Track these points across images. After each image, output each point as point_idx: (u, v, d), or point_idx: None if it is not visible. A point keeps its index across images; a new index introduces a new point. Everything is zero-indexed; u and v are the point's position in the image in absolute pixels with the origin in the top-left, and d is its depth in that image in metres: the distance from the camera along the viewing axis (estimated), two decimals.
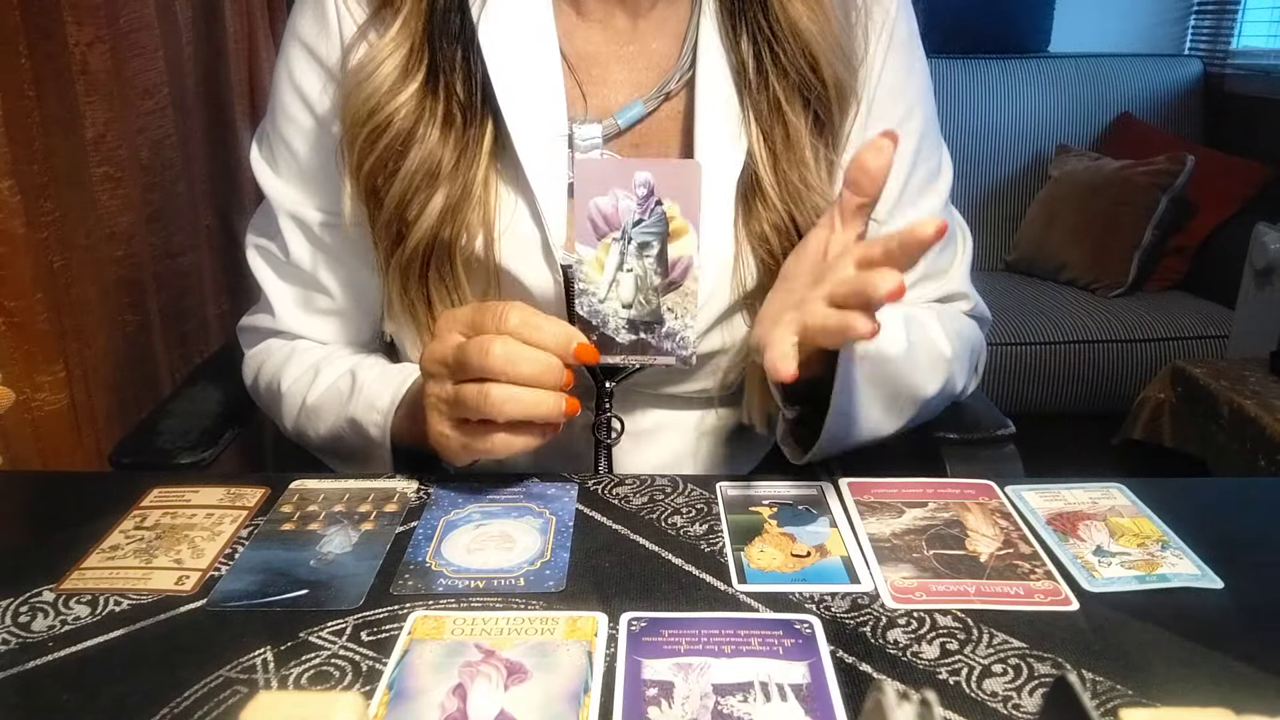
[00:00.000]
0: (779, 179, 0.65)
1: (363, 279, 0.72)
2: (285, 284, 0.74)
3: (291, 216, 0.71)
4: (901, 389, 0.65)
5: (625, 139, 0.68)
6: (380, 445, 0.66)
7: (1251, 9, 2.69)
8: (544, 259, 0.65)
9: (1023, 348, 2.16)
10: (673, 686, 0.42)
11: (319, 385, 0.70)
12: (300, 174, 0.70)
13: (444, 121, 0.63)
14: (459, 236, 0.64)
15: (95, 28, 0.98)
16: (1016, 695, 0.42)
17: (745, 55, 0.65)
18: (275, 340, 0.76)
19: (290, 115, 0.69)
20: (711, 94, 0.65)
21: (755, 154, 0.65)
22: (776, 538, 0.54)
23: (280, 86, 0.69)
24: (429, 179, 0.63)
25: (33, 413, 0.90)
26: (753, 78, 0.65)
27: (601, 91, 0.68)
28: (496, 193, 0.65)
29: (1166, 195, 2.31)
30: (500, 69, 0.63)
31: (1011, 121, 2.66)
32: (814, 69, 0.64)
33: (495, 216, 0.65)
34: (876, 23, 0.68)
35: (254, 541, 0.54)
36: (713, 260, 0.66)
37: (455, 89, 0.63)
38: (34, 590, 0.49)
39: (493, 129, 0.64)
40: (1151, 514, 0.57)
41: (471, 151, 0.63)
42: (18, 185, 0.85)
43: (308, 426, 0.71)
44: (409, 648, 0.45)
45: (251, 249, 0.75)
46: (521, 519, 0.56)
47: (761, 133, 0.65)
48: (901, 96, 0.70)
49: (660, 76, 0.68)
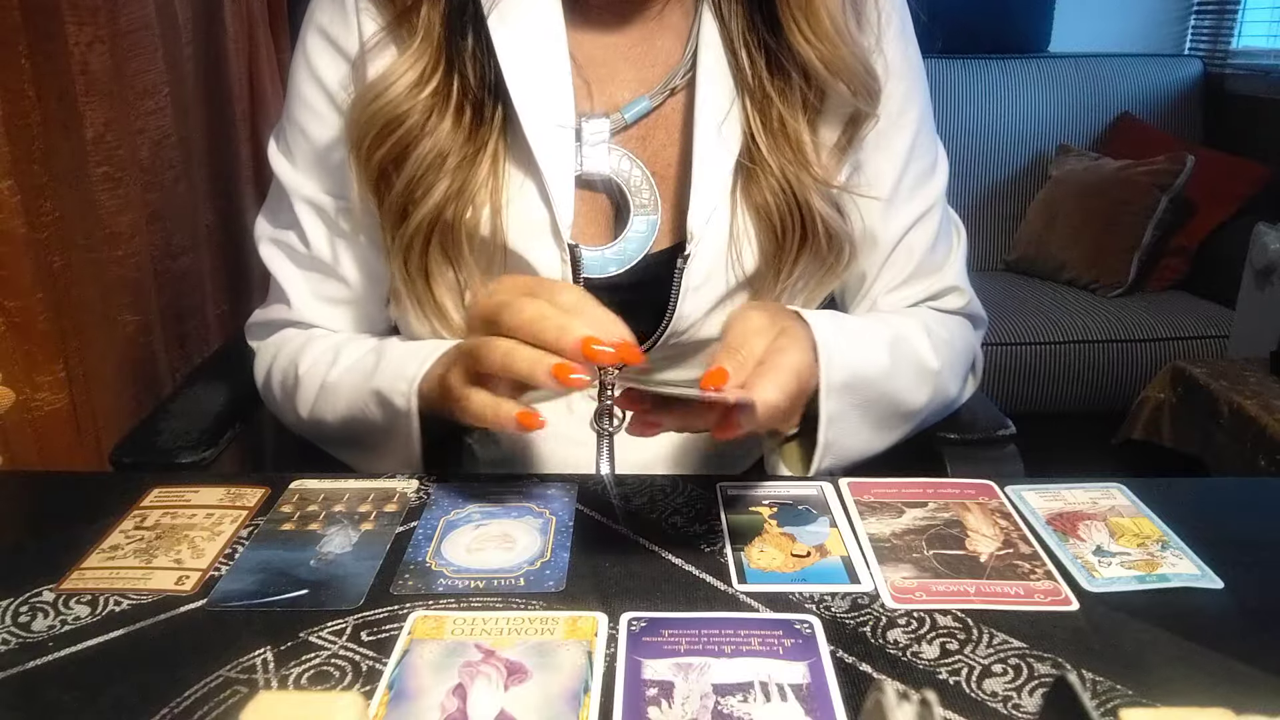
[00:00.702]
0: (774, 139, 0.66)
1: (377, 264, 0.72)
2: (301, 273, 0.74)
3: (308, 203, 0.71)
4: (887, 407, 0.66)
5: (631, 133, 0.69)
6: (405, 415, 0.63)
7: (1251, 9, 2.69)
8: (552, 239, 0.66)
9: (1023, 348, 2.16)
10: (673, 686, 0.42)
11: (341, 363, 0.69)
12: (317, 160, 0.71)
13: (456, 111, 0.64)
14: (464, 212, 0.65)
15: (95, 28, 0.98)
16: (1016, 695, 0.42)
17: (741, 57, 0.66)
18: (291, 329, 0.76)
19: (307, 102, 0.70)
20: (710, 86, 0.67)
21: (754, 133, 0.66)
22: (776, 538, 0.54)
23: (298, 76, 0.70)
24: (438, 162, 0.64)
25: (33, 413, 0.90)
26: (748, 70, 0.66)
27: (608, 88, 0.69)
28: (505, 173, 0.66)
29: (1166, 195, 2.31)
30: (511, 64, 0.64)
31: (1011, 121, 2.66)
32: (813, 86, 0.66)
33: (503, 195, 0.65)
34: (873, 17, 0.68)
35: (254, 541, 0.54)
36: (707, 242, 0.67)
37: (469, 84, 0.64)
38: (34, 590, 0.49)
39: (502, 117, 0.65)
40: (1151, 514, 0.57)
41: (483, 134, 0.65)
42: (18, 185, 0.85)
43: (325, 408, 0.70)
44: (409, 648, 0.45)
45: (265, 242, 0.75)
46: (521, 519, 0.56)
47: (759, 116, 0.66)
48: (897, 91, 0.70)
49: (665, 73, 0.69)
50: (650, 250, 0.69)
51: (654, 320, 0.68)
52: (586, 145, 0.67)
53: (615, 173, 0.68)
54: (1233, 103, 2.64)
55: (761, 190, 0.67)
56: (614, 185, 0.69)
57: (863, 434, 0.65)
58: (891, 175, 0.71)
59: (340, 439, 0.72)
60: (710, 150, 0.66)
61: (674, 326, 0.68)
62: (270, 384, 0.76)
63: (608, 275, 0.68)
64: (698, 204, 0.66)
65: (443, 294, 0.67)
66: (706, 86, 0.67)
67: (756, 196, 0.67)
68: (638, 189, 0.68)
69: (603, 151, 0.68)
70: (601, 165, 0.68)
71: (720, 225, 0.67)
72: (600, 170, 0.68)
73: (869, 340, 0.65)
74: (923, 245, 0.74)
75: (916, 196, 0.73)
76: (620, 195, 0.69)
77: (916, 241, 0.73)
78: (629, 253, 0.68)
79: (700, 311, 0.68)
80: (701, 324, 0.69)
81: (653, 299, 0.68)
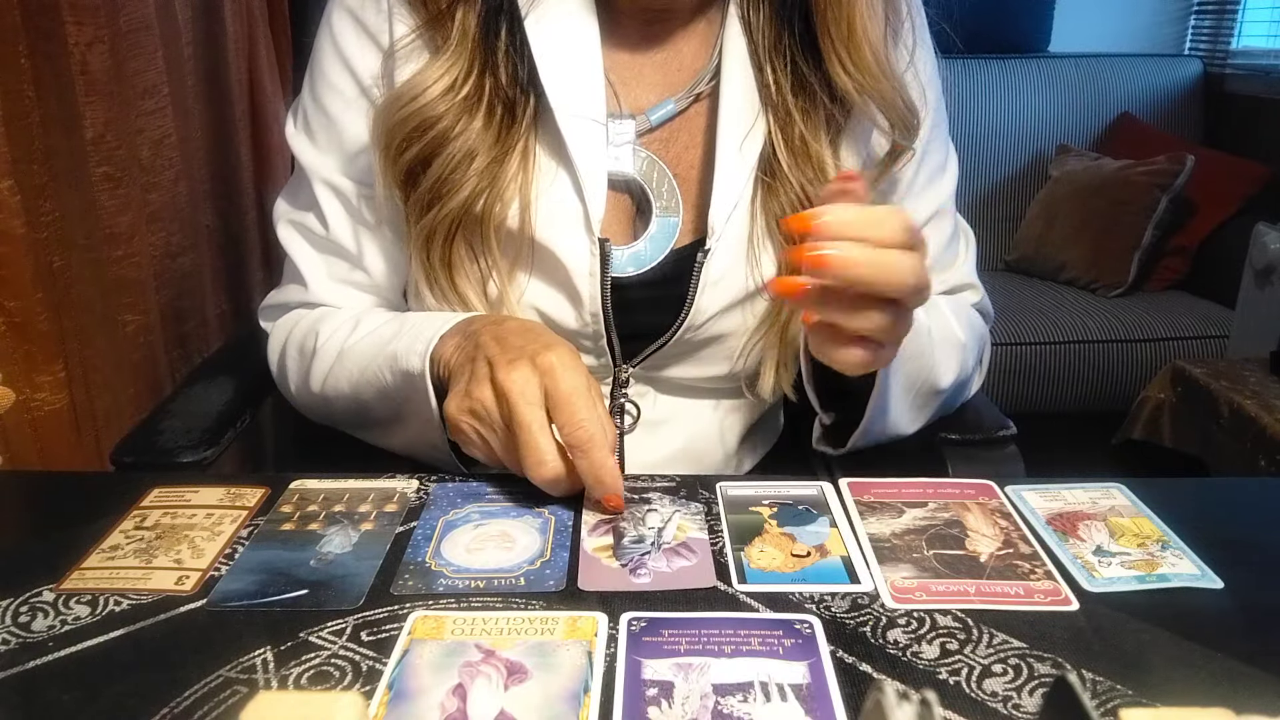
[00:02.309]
0: (795, 157, 0.67)
1: (398, 253, 0.72)
2: (320, 255, 0.74)
3: (329, 185, 0.71)
4: (923, 373, 0.67)
5: (656, 135, 0.70)
6: (421, 376, 0.61)
7: (1251, 9, 2.69)
8: (584, 231, 0.66)
9: (1023, 348, 2.16)
10: (673, 686, 0.42)
11: (360, 331, 0.69)
12: (340, 143, 0.70)
13: (486, 113, 0.65)
14: (493, 205, 0.65)
15: (95, 28, 0.97)
16: (1016, 695, 0.42)
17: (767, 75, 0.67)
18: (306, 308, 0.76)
19: (332, 83, 0.69)
20: (735, 90, 0.67)
21: (773, 137, 0.67)
22: (776, 538, 0.54)
23: (323, 55, 0.70)
24: (467, 161, 0.64)
25: (33, 413, 0.90)
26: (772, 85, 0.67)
27: (635, 92, 0.70)
28: (536, 164, 0.66)
29: (1166, 195, 2.31)
30: (547, 61, 0.64)
31: (1011, 121, 2.66)
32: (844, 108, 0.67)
33: (532, 190, 0.66)
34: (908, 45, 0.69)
35: (254, 541, 0.54)
36: (727, 240, 0.67)
37: (502, 83, 0.65)
38: (34, 590, 0.49)
39: (534, 112, 0.66)
40: (1151, 514, 0.57)
41: (513, 133, 0.65)
42: (18, 185, 0.85)
43: (341, 376, 0.68)
44: (409, 648, 0.45)
45: (283, 223, 0.75)
46: (521, 518, 0.56)
47: (779, 127, 0.67)
48: (912, 86, 0.70)
49: (691, 78, 0.70)
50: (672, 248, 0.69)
51: (673, 315, 0.69)
52: (612, 146, 0.68)
53: (639, 173, 0.69)
54: (1233, 103, 2.64)
55: (780, 203, 0.67)
56: (637, 185, 0.69)
57: (899, 406, 0.66)
58: (904, 171, 0.72)
59: (355, 411, 0.71)
60: (732, 152, 0.67)
61: (691, 320, 0.69)
62: (285, 359, 0.75)
63: (626, 274, 0.68)
64: (719, 200, 0.67)
65: (465, 285, 0.67)
66: (730, 93, 0.67)
67: (775, 207, 0.68)
68: (660, 190, 0.69)
69: (628, 152, 0.68)
70: (626, 165, 0.68)
71: (740, 227, 0.68)
72: (625, 170, 0.68)
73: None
74: (939, 242, 0.75)
75: (928, 192, 0.74)
76: (643, 195, 0.69)
77: (932, 238, 0.74)
78: (649, 253, 0.69)
79: (717, 306, 0.69)
80: (718, 320, 0.70)
81: (672, 294, 0.69)
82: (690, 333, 0.69)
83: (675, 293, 0.68)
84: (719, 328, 0.70)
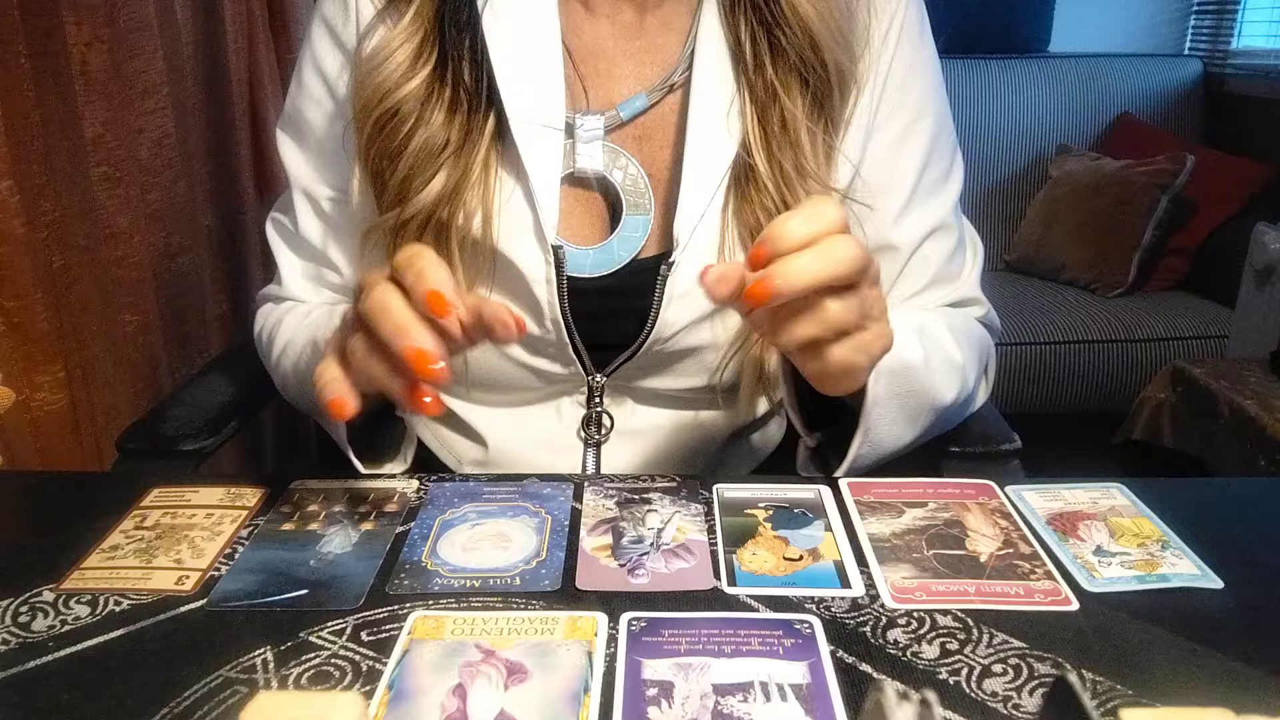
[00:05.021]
0: (772, 164, 0.65)
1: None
2: (296, 257, 0.76)
3: (304, 192, 0.73)
4: (922, 399, 0.64)
5: (627, 130, 0.69)
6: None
7: (1251, 9, 2.69)
8: (536, 240, 0.65)
9: (1023, 348, 2.16)
10: (673, 686, 0.42)
11: (309, 319, 0.71)
12: (316, 151, 0.72)
13: (450, 106, 0.64)
14: (456, 215, 0.65)
15: (95, 28, 0.98)
16: (1016, 695, 0.42)
17: (743, 40, 0.65)
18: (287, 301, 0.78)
19: (310, 93, 0.71)
20: (707, 83, 0.66)
21: (750, 139, 0.65)
22: (770, 540, 0.54)
23: (304, 65, 0.71)
24: (431, 159, 0.64)
25: (33, 413, 0.90)
26: (750, 61, 0.65)
27: (606, 84, 0.69)
28: (497, 175, 0.66)
29: (1166, 195, 2.31)
30: (502, 58, 0.64)
31: (1011, 121, 2.66)
32: (814, 48, 0.64)
33: (494, 198, 0.65)
34: (884, 16, 0.67)
35: (254, 541, 0.54)
36: (696, 250, 0.66)
37: (462, 76, 0.64)
38: (34, 590, 0.49)
39: (495, 115, 0.65)
40: (1151, 514, 0.57)
41: (475, 136, 0.65)
42: (17, 185, 0.85)
43: (286, 363, 0.71)
44: (409, 648, 0.45)
45: (269, 222, 0.78)
46: (517, 518, 0.56)
47: (757, 116, 0.65)
48: (911, 94, 0.69)
49: (665, 70, 0.68)
50: (638, 255, 0.68)
51: (638, 325, 0.68)
52: (580, 142, 0.67)
53: (609, 171, 0.68)
54: (1233, 103, 2.64)
55: (754, 210, 0.65)
56: (608, 183, 0.68)
57: (898, 426, 0.63)
58: (908, 181, 0.69)
59: (305, 397, 0.72)
60: (702, 154, 0.65)
61: (657, 333, 0.67)
62: (259, 342, 0.78)
63: (593, 276, 0.67)
64: (684, 210, 0.65)
65: None
66: (703, 82, 0.66)
67: (749, 217, 0.65)
68: (631, 188, 0.68)
69: (596, 149, 0.67)
70: (595, 162, 0.67)
71: (709, 237, 0.66)
72: (593, 167, 0.67)
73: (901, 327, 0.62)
74: (940, 255, 0.72)
75: (931, 203, 0.71)
76: (614, 193, 0.68)
77: (933, 251, 0.71)
78: (618, 254, 0.68)
79: (684, 320, 0.67)
80: (686, 333, 0.68)
81: (638, 305, 0.67)
82: (659, 345, 0.68)
83: (638, 304, 0.67)
84: (690, 340, 0.68)
